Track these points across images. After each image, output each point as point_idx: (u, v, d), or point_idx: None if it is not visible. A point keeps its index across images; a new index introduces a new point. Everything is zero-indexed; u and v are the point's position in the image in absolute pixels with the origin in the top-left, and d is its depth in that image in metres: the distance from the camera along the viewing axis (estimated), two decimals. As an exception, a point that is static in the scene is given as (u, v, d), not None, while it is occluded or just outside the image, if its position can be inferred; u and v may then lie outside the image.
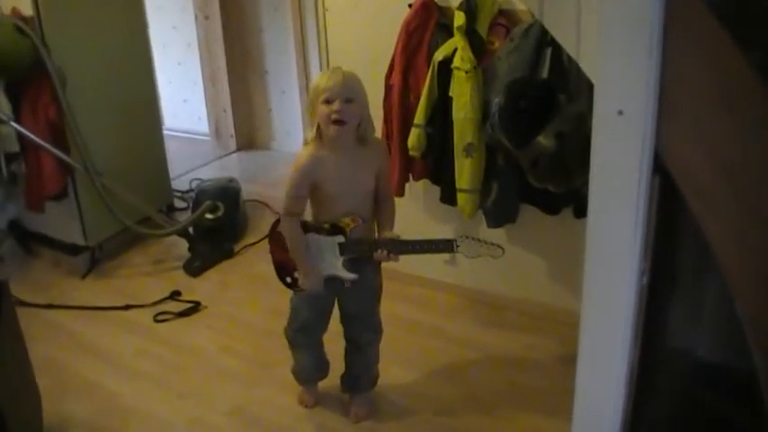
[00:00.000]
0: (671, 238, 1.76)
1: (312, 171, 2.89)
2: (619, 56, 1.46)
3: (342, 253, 2.98)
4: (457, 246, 2.91)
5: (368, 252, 3.00)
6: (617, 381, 1.77)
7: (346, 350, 3.33)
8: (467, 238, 2.92)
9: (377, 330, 3.27)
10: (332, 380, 3.43)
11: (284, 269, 3.10)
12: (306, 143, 2.93)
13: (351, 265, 3.01)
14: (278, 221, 3.09)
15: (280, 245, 3.08)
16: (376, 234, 3.10)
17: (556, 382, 3.44)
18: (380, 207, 3.09)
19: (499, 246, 2.95)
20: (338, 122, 2.80)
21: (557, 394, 3.25)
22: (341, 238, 2.96)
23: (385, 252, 2.94)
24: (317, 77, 2.86)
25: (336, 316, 3.26)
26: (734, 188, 1.41)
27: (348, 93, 2.79)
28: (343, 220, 2.95)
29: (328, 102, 2.77)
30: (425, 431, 3.28)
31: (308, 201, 3.02)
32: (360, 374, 3.34)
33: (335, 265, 3.01)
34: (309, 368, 3.37)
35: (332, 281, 3.04)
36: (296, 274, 3.07)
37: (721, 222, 1.44)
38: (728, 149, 1.41)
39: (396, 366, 3.63)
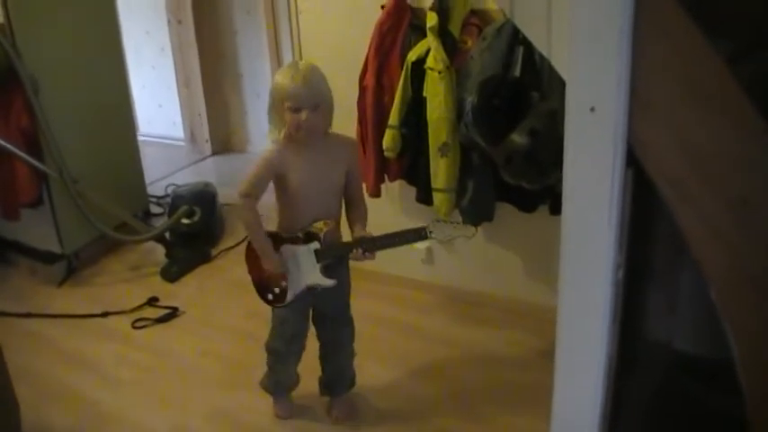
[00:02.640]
0: (646, 230, 1.77)
1: (279, 162, 2.88)
2: (590, 52, 1.47)
3: (318, 260, 2.97)
4: (429, 231, 2.89)
5: (343, 254, 3.00)
6: (595, 374, 1.78)
7: (322, 353, 3.31)
8: (437, 221, 2.92)
9: (351, 325, 3.27)
10: (306, 381, 3.41)
11: (264, 287, 3.08)
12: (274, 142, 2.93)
13: (328, 271, 3.00)
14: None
15: (256, 262, 3.06)
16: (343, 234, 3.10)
17: (536, 377, 3.44)
18: (352, 208, 3.09)
19: (471, 225, 2.95)
20: (306, 129, 2.80)
21: (537, 390, 3.24)
22: (316, 245, 2.95)
23: (360, 251, 2.92)
24: (279, 77, 2.79)
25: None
26: (704, 175, 1.43)
27: (314, 99, 2.77)
28: (315, 226, 2.94)
29: (296, 111, 2.76)
30: (405, 429, 3.29)
31: (278, 207, 3.02)
32: (338, 376, 3.34)
33: (314, 274, 2.99)
34: (293, 376, 3.35)
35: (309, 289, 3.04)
36: (276, 290, 3.04)
37: (694, 210, 1.45)
38: (697, 138, 1.42)
39: (374, 365, 3.64)
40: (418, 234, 2.93)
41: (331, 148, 2.96)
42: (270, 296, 3.07)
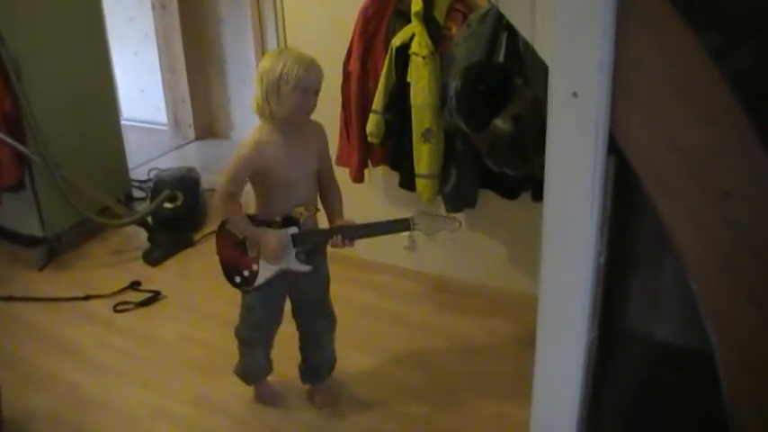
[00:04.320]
0: (629, 217, 1.77)
1: (259, 154, 2.85)
2: (573, 38, 1.47)
3: (295, 245, 2.95)
4: (414, 223, 2.89)
5: (322, 240, 3.00)
6: (575, 362, 1.79)
7: (302, 343, 3.29)
8: (423, 214, 2.92)
9: (331, 318, 3.26)
10: (288, 367, 3.40)
11: (233, 268, 3.05)
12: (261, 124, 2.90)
13: (303, 256, 2.99)
14: (225, 221, 3.06)
15: (228, 243, 3.05)
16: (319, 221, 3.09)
17: (517, 365, 3.45)
18: (327, 194, 3.08)
19: (455, 218, 2.95)
20: (310, 112, 2.84)
21: (519, 378, 3.26)
22: (294, 230, 2.93)
23: (340, 238, 2.92)
24: (288, 61, 2.73)
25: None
26: (687, 168, 1.43)
27: (320, 83, 2.81)
28: (296, 210, 2.92)
29: (306, 91, 2.76)
30: (388, 417, 3.29)
31: (257, 194, 2.99)
32: (319, 365, 3.33)
33: (289, 259, 2.97)
34: (262, 364, 3.33)
35: (283, 275, 3.01)
36: (245, 272, 3.02)
37: (676, 202, 1.46)
38: (681, 130, 1.43)
39: (357, 353, 3.64)
40: (402, 225, 2.94)
41: (304, 132, 2.95)
42: (238, 279, 3.05)
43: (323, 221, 3.10)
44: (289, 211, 2.93)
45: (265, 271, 3.00)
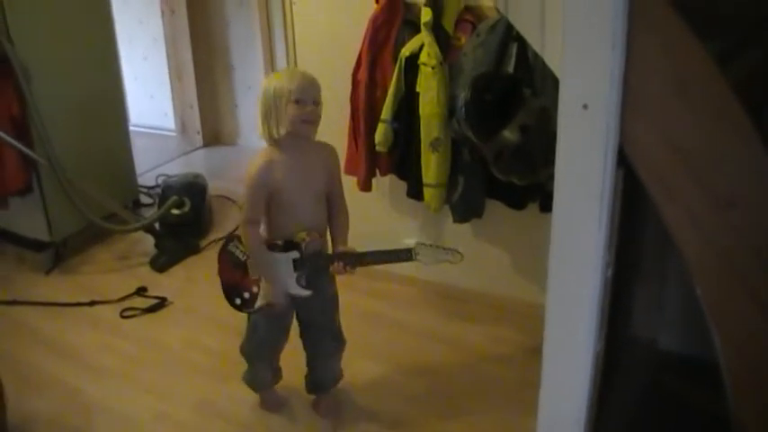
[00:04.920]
0: (636, 229, 1.78)
1: (267, 174, 2.86)
2: (583, 50, 1.48)
3: (296, 269, 2.94)
4: (416, 254, 2.90)
5: (323, 266, 2.98)
6: (582, 372, 1.79)
7: (308, 359, 3.28)
8: (424, 245, 2.92)
9: (338, 339, 3.23)
10: (293, 375, 3.39)
11: (234, 290, 3.06)
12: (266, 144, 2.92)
13: (307, 281, 2.98)
14: (228, 241, 3.09)
15: (229, 264, 3.06)
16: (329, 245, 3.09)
17: (522, 374, 3.45)
18: (334, 218, 3.07)
19: (458, 251, 2.94)
20: (310, 122, 2.83)
21: (523, 386, 3.26)
22: (296, 254, 2.93)
23: (341, 265, 2.92)
24: (277, 82, 2.81)
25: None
26: (690, 171, 1.44)
27: (315, 94, 2.82)
28: (299, 235, 2.92)
29: (298, 102, 2.77)
30: (391, 425, 3.29)
31: (264, 215, 2.99)
32: (325, 379, 3.32)
33: (289, 283, 2.96)
34: (267, 377, 3.33)
35: (288, 296, 3.01)
36: (246, 294, 3.02)
37: (682, 210, 1.46)
38: (684, 134, 1.44)
39: (361, 360, 3.63)
40: (404, 255, 2.93)
41: (313, 153, 2.96)
42: (238, 300, 3.05)
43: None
44: (291, 236, 2.93)
45: (265, 294, 3.01)
